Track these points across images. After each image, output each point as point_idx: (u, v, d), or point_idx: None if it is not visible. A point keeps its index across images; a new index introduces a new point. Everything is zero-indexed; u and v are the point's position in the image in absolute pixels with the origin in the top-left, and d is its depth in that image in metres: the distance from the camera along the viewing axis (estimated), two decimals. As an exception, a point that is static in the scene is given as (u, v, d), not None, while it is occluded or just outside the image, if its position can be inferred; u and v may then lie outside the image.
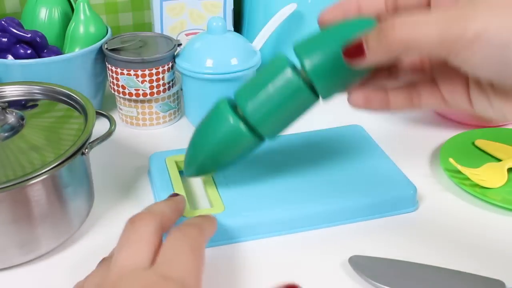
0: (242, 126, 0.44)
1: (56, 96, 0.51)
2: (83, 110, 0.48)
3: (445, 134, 0.61)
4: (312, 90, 0.41)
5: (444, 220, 0.49)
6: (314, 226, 0.47)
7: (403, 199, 0.49)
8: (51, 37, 0.63)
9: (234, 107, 0.45)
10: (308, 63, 0.39)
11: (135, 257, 0.34)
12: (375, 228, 0.47)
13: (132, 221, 0.36)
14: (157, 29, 0.69)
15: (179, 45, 0.63)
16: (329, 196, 0.48)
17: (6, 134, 0.45)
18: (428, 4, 0.39)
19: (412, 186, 0.49)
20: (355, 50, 0.36)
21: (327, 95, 0.41)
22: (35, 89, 0.51)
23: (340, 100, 0.44)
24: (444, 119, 0.65)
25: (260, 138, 0.45)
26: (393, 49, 0.34)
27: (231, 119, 0.44)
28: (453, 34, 0.33)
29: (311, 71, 0.39)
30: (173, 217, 0.40)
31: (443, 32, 0.33)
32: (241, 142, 0.44)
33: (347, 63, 0.37)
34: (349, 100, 0.41)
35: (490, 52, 0.33)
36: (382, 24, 0.35)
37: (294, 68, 0.42)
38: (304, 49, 0.40)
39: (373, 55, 0.36)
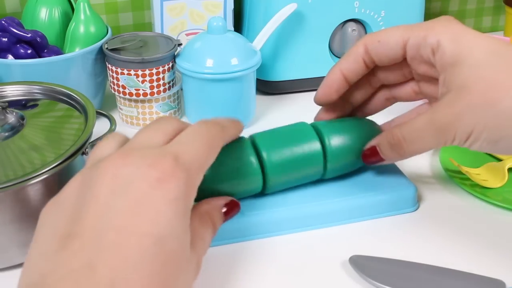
0: (259, 169, 0.45)
1: (56, 96, 0.51)
2: (83, 110, 0.48)
3: (445, 134, 0.61)
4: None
5: (444, 220, 0.49)
6: (314, 226, 0.47)
7: (403, 199, 0.49)
8: (51, 37, 0.63)
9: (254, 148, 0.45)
10: (329, 143, 0.46)
11: (149, 139, 0.35)
12: (376, 228, 0.47)
13: (158, 117, 0.38)
14: (157, 29, 0.69)
15: (180, 45, 0.63)
16: (329, 196, 0.48)
17: (6, 134, 0.45)
18: (404, 57, 0.43)
19: (412, 186, 0.49)
20: (372, 154, 0.45)
21: (332, 172, 0.47)
22: (35, 89, 0.51)
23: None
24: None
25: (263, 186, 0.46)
26: (404, 156, 0.42)
27: (254, 160, 0.44)
28: (448, 141, 0.39)
29: (330, 150, 0.46)
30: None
31: (439, 141, 0.39)
32: (250, 183, 0.45)
33: (367, 163, 0.46)
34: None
35: (483, 145, 0.38)
36: (389, 135, 0.42)
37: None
38: (328, 131, 0.46)
39: (388, 159, 0.44)
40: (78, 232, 0.30)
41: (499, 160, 0.56)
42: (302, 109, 0.68)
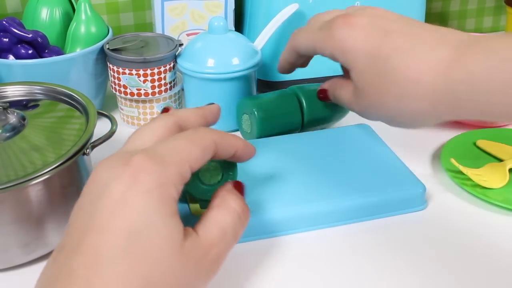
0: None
1: (57, 96, 0.51)
2: (84, 110, 0.48)
3: (446, 135, 0.61)
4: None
5: (445, 219, 0.49)
6: (323, 225, 0.47)
7: (412, 197, 0.49)
8: (52, 37, 0.63)
9: None
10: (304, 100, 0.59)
11: (135, 142, 0.36)
12: (383, 227, 0.47)
13: (157, 116, 0.39)
14: (158, 29, 0.69)
15: (181, 45, 0.63)
16: (339, 195, 0.48)
17: (7, 134, 0.45)
18: None
19: (421, 185, 0.49)
20: (323, 92, 0.54)
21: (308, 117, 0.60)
22: (37, 89, 0.51)
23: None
24: (446, 119, 0.65)
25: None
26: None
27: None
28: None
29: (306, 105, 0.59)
30: (194, 119, 0.40)
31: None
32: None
33: (320, 98, 0.55)
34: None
35: (391, 125, 0.46)
36: (332, 90, 0.52)
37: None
38: (304, 94, 0.60)
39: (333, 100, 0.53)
40: (65, 244, 0.32)
41: (500, 160, 0.56)
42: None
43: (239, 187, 0.40)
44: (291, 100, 0.59)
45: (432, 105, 0.41)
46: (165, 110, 0.42)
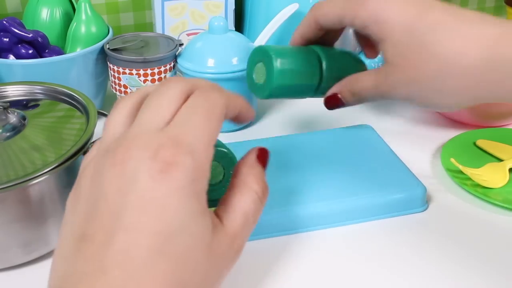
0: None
1: (57, 96, 0.51)
2: (84, 110, 0.48)
3: (446, 134, 0.61)
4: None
5: (445, 219, 0.49)
6: (323, 226, 0.47)
7: (413, 199, 0.49)
8: (52, 37, 0.63)
9: None
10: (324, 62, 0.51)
11: (154, 117, 0.34)
12: (383, 228, 0.47)
13: (162, 82, 0.36)
14: (158, 29, 0.70)
15: (181, 45, 0.63)
16: (339, 196, 0.48)
17: (8, 134, 0.45)
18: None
19: (421, 187, 0.49)
20: (334, 99, 0.49)
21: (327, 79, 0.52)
22: (37, 89, 0.51)
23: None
24: (446, 119, 0.65)
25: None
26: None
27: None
28: (390, 99, 0.45)
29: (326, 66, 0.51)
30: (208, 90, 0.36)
31: (383, 99, 0.46)
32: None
33: (329, 107, 0.50)
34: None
35: (417, 105, 0.45)
36: (348, 87, 0.48)
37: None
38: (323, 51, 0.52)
39: (348, 104, 0.49)
40: (90, 234, 0.30)
41: (500, 160, 0.56)
42: (302, 109, 0.68)
43: (264, 156, 0.38)
44: (310, 53, 0.52)
45: (474, 81, 0.40)
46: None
